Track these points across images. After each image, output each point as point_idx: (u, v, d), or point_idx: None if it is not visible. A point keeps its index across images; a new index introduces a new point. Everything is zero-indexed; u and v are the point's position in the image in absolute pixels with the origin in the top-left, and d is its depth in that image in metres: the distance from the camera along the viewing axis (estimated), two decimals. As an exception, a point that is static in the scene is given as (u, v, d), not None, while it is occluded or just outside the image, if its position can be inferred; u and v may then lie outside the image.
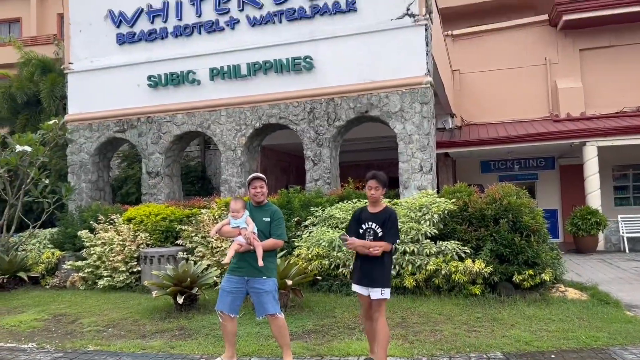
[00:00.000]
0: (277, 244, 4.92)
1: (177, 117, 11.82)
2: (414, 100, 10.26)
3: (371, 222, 4.65)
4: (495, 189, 7.93)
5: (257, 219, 4.91)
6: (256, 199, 4.94)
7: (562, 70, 18.02)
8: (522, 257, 7.40)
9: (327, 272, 8.16)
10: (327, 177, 10.74)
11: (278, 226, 4.92)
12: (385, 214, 4.64)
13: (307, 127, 10.92)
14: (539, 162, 18.86)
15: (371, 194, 4.66)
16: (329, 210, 9.07)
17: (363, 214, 4.76)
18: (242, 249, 4.80)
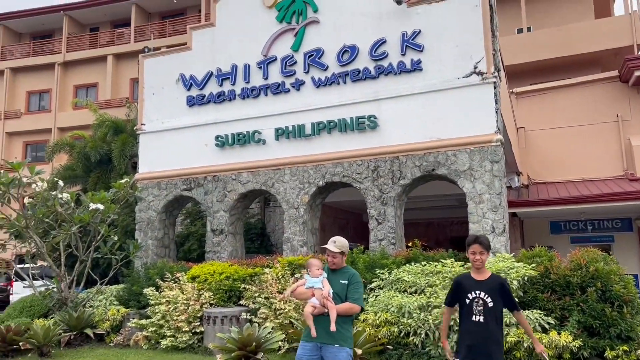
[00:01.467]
0: (353, 309, 4.61)
1: (242, 175, 11.99)
2: (484, 159, 9.93)
3: (479, 290, 4.30)
4: (580, 254, 7.37)
5: (333, 281, 4.68)
6: (330, 266, 4.75)
7: (636, 126, 17.20)
8: (614, 330, 6.73)
9: (397, 340, 7.71)
10: (391, 237, 10.42)
11: (355, 290, 4.62)
12: (495, 282, 4.34)
13: (370, 186, 10.76)
14: (614, 223, 17.71)
15: (476, 259, 4.32)
16: (396, 273, 8.71)
17: (466, 281, 4.43)
18: (316, 312, 4.55)
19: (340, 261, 4.71)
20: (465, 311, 4.32)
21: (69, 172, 20.80)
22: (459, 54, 10.34)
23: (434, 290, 7.96)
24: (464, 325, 4.34)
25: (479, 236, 4.39)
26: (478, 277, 4.34)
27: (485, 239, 4.36)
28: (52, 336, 9.24)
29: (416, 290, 8.30)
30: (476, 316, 4.22)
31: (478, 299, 4.24)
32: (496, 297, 4.22)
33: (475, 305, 4.25)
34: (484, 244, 4.31)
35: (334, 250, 4.66)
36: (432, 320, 7.33)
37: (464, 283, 4.40)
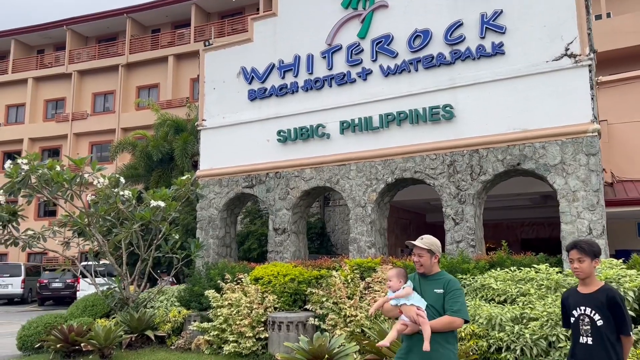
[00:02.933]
0: (454, 323, 3.75)
1: (305, 172, 11.34)
2: (578, 151, 8.79)
3: (584, 306, 3.52)
4: None
5: (425, 291, 3.87)
6: (417, 269, 3.95)
7: None
8: None
9: (485, 355, 6.78)
10: (470, 239, 9.46)
11: (455, 300, 3.76)
12: (602, 295, 3.48)
13: (446, 182, 9.83)
14: None
15: (574, 268, 3.57)
16: (481, 279, 7.77)
17: (571, 297, 3.68)
18: (408, 330, 3.77)
19: (430, 263, 3.87)
20: (573, 331, 3.61)
21: (132, 171, 20.99)
22: (547, 34, 9.25)
23: (527, 300, 6.98)
24: (572, 349, 3.63)
25: (579, 241, 3.66)
26: (583, 290, 3.58)
27: (586, 244, 3.58)
28: (114, 338, 8.92)
29: (505, 299, 7.34)
30: (583, 337, 3.50)
31: (583, 316, 3.51)
32: (605, 313, 3.44)
33: (581, 324, 3.52)
34: (583, 249, 3.52)
35: (420, 246, 3.86)
36: (529, 334, 6.36)
37: (569, 299, 3.69)
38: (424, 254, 3.86)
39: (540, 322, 6.46)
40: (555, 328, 6.30)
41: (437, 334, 3.67)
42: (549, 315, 6.44)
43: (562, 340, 6.18)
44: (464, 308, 3.80)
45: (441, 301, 3.79)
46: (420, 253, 3.87)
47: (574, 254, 3.55)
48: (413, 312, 3.73)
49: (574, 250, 3.55)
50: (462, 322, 3.78)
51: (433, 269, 3.93)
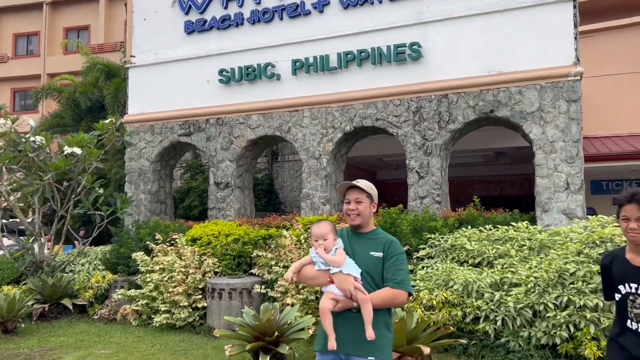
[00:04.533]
0: (397, 299, 2.84)
1: (251, 118, 9.96)
2: (558, 97, 7.88)
3: (635, 283, 2.65)
4: None
5: (358, 252, 2.90)
6: (351, 221, 2.94)
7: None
8: None
9: (459, 326, 5.88)
10: (436, 195, 8.49)
11: (398, 268, 2.84)
12: None
13: (411, 131, 8.75)
14: (664, 182, 15.83)
15: (631, 229, 2.62)
16: (452, 239, 6.82)
17: (616, 266, 2.75)
18: (338, 307, 2.78)
19: (368, 214, 2.94)
20: (618, 311, 2.76)
21: (57, 120, 18.78)
22: (528, -37, 8.14)
23: (508, 263, 6.08)
24: (617, 335, 2.76)
25: (637, 194, 2.65)
26: (637, 261, 2.66)
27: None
28: (20, 309, 7.46)
29: (481, 262, 6.43)
30: (632, 322, 2.65)
31: (635, 296, 2.64)
32: None
33: (630, 306, 2.67)
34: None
35: (361, 187, 2.93)
36: (513, 302, 5.47)
37: (613, 269, 2.76)
38: (363, 200, 2.92)
39: (525, 289, 5.57)
40: (544, 295, 5.43)
41: (374, 317, 2.72)
42: (536, 280, 5.56)
43: (551, 309, 5.32)
44: (408, 278, 2.90)
45: (379, 268, 2.85)
46: (359, 198, 2.92)
47: (631, 211, 2.59)
48: (349, 284, 2.73)
49: (632, 206, 2.60)
50: (406, 296, 2.86)
51: (370, 224, 2.94)
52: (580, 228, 6.17)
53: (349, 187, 2.98)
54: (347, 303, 2.76)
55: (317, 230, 2.90)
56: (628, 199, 2.62)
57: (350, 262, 2.82)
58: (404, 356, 4.84)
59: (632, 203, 2.60)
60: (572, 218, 7.56)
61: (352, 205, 2.91)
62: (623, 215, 2.63)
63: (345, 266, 2.78)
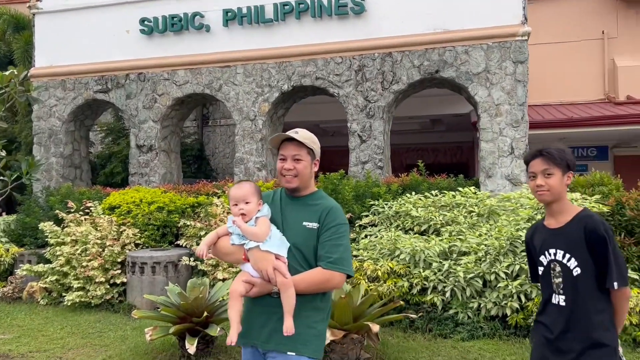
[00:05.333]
0: (330, 282, 2.23)
1: (177, 74, 9.00)
2: (505, 58, 7.57)
3: (553, 248, 2.30)
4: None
5: (290, 223, 2.29)
6: (286, 183, 2.32)
7: (622, 45, 15.41)
8: None
9: (405, 297, 5.49)
10: (378, 159, 8.04)
11: (337, 243, 2.24)
12: (578, 227, 2.23)
13: (353, 92, 8.18)
14: (589, 151, 16.34)
15: (538, 187, 2.31)
16: (396, 206, 6.39)
17: (537, 236, 2.43)
18: (254, 292, 2.22)
19: (309, 174, 2.32)
20: (543, 288, 2.41)
21: (-45, 75, 16.72)
22: None
23: (456, 231, 5.73)
24: (540, 312, 2.42)
25: (543, 148, 2.35)
26: (552, 223, 2.35)
27: (556, 150, 2.32)
28: None
29: (427, 229, 6.05)
30: (555, 295, 2.30)
31: (554, 263, 2.30)
32: (584, 256, 2.21)
33: (552, 276, 2.31)
34: (551, 156, 2.30)
35: (300, 141, 2.28)
36: (462, 272, 5.12)
37: (535, 238, 2.43)
38: (303, 157, 2.28)
39: (475, 257, 5.25)
40: (495, 264, 5.12)
41: (300, 302, 2.16)
42: (486, 248, 5.24)
43: (502, 279, 5.02)
44: (348, 256, 2.26)
45: (313, 241, 2.24)
46: (298, 155, 2.27)
47: (537, 165, 2.31)
48: (267, 264, 2.13)
49: (538, 160, 2.32)
50: (343, 278, 2.24)
51: (309, 185, 2.37)
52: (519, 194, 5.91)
53: (284, 139, 2.32)
54: (265, 287, 2.18)
55: (237, 191, 2.26)
56: (534, 154, 2.34)
57: (276, 236, 2.22)
58: (349, 334, 4.37)
59: (537, 157, 2.31)
60: (516, 184, 7.37)
61: (288, 163, 2.27)
62: (531, 172, 2.33)
63: (268, 240, 2.18)
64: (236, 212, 2.24)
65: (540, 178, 2.27)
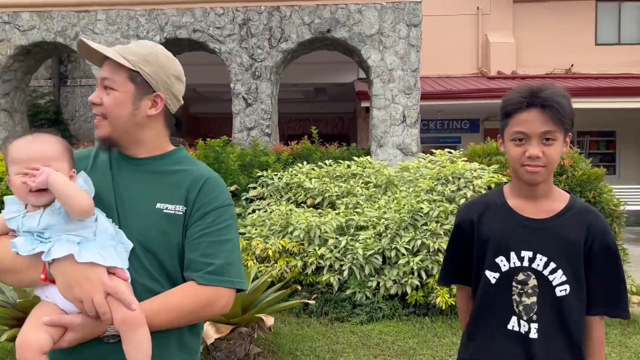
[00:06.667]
0: (212, 305, 1.30)
1: (21, 17, 7.40)
2: (399, 20, 7.18)
3: (530, 250, 1.48)
4: (557, 153, 5.26)
5: (134, 201, 1.32)
6: (99, 134, 1.36)
7: (495, 22, 16.17)
8: (605, 257, 4.88)
9: (298, 278, 4.93)
10: (266, 125, 7.32)
11: (215, 239, 1.33)
12: (580, 223, 1.48)
13: (237, 48, 7.31)
14: (463, 123, 17.14)
15: (529, 159, 1.42)
16: (287, 176, 5.76)
17: (492, 220, 1.56)
18: (68, 342, 1.18)
19: (127, 114, 1.33)
20: (489, 303, 1.56)
21: None
22: None
23: (353, 203, 5.26)
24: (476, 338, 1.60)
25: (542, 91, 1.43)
26: (529, 210, 1.52)
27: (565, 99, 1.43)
28: None
29: (321, 202, 5.51)
30: (518, 321, 1.50)
31: (527, 274, 1.49)
32: (577, 269, 1.47)
33: (517, 292, 1.50)
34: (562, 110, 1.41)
35: (107, 54, 1.32)
36: (362, 249, 4.66)
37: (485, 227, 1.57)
38: (117, 85, 1.32)
39: (374, 232, 4.81)
40: (395, 239, 4.72)
41: (157, 344, 1.22)
42: (386, 222, 4.82)
43: (403, 255, 4.65)
44: (237, 259, 1.37)
45: (176, 236, 1.32)
46: (109, 80, 1.33)
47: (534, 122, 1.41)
48: (95, 290, 1.16)
49: (536, 113, 1.41)
50: (231, 297, 1.34)
51: (144, 138, 1.39)
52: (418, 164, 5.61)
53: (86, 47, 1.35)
54: (91, 328, 1.21)
55: (27, 149, 1.22)
56: (528, 100, 1.41)
57: (106, 231, 1.23)
58: (238, 327, 3.70)
59: (533, 107, 1.41)
60: (407, 154, 7.11)
61: (96, 95, 1.35)
62: (517, 132, 1.43)
63: (90, 241, 1.21)
64: (23, 191, 1.19)
65: (535, 144, 1.40)
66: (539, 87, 1.43)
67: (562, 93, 1.43)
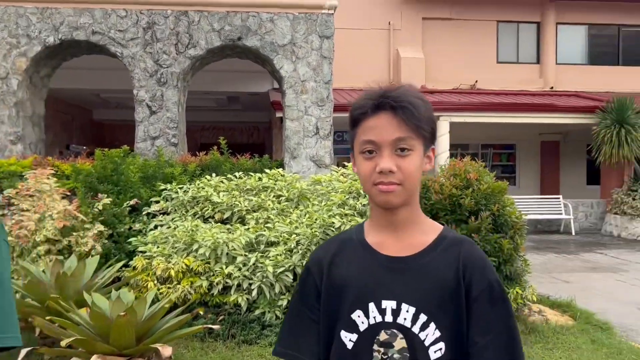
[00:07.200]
0: None
1: None
2: (311, 31, 7.11)
3: (393, 298, 1.12)
4: (463, 166, 5.37)
5: None
6: None
7: (405, 38, 16.72)
8: (508, 268, 5.03)
9: (204, 299, 4.62)
10: (172, 135, 6.93)
11: None
12: (446, 263, 1.13)
13: (141, 53, 6.88)
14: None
15: (381, 174, 1.09)
16: (194, 190, 5.43)
17: (347, 263, 1.18)
18: None
19: None
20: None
21: None
22: None
23: (264, 218, 5.04)
24: None
25: (390, 91, 1.12)
26: (390, 247, 1.16)
27: (420, 101, 1.12)
28: None
29: (230, 217, 5.24)
30: None
31: (389, 333, 1.11)
32: (453, 319, 1.11)
33: (377, 353, 1.11)
34: (416, 112, 1.09)
35: None
36: (272, 267, 4.45)
37: (336, 272, 1.18)
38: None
39: (285, 248, 4.62)
40: (307, 255, 4.56)
41: None
42: (298, 237, 4.65)
43: (314, 272, 4.49)
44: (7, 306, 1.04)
45: None
46: None
47: (384, 128, 1.10)
48: None
49: (387, 116, 1.10)
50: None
51: None
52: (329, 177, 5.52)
53: None
54: None
55: None
56: (375, 102, 1.11)
57: None
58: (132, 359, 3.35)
59: (382, 111, 1.10)
60: (321, 166, 7.02)
61: None
62: (365, 142, 1.11)
63: None
64: None
65: (387, 155, 1.09)
66: (390, 87, 1.14)
67: (417, 94, 1.13)
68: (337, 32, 15.35)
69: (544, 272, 7.81)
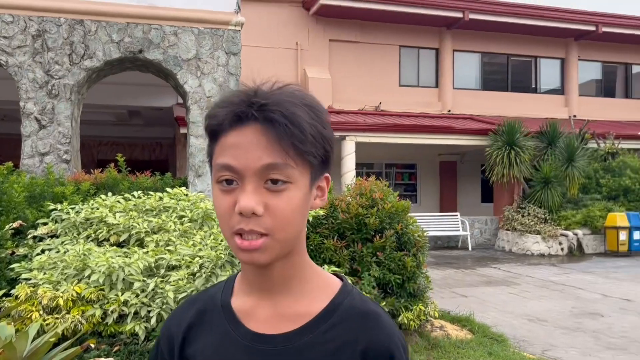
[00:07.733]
0: None
1: None
2: (218, 47, 6.96)
3: None
4: (369, 185, 5.46)
5: None
6: None
7: (312, 58, 17.03)
8: (411, 285, 5.16)
9: (97, 329, 4.25)
10: (64, 151, 6.42)
11: None
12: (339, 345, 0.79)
13: (29, 62, 6.34)
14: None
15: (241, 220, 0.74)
16: (87, 210, 5.03)
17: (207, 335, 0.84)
18: None
19: None
20: None
21: None
22: None
23: (164, 240, 4.77)
24: None
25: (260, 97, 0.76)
26: (260, 317, 0.83)
27: (306, 110, 0.75)
28: None
29: (128, 239, 4.91)
30: None
31: None
32: None
33: None
34: (293, 127, 0.73)
35: None
36: (172, 291, 4.20)
37: (192, 347, 0.85)
38: None
39: (188, 272, 4.39)
40: (211, 279, 4.36)
41: None
42: (201, 260, 4.44)
43: (219, 296, 4.30)
44: None
45: None
46: None
47: (247, 152, 0.73)
48: None
49: (253, 128, 0.74)
50: None
51: None
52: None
53: None
54: None
55: None
56: (238, 110, 0.75)
57: None
58: (8, 404, 2.96)
59: (246, 123, 0.74)
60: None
61: None
62: (221, 168, 0.75)
63: None
64: None
65: (251, 192, 0.73)
66: (267, 87, 0.79)
67: (304, 100, 0.77)
68: (244, 49, 15.31)
69: (444, 287, 8.14)
